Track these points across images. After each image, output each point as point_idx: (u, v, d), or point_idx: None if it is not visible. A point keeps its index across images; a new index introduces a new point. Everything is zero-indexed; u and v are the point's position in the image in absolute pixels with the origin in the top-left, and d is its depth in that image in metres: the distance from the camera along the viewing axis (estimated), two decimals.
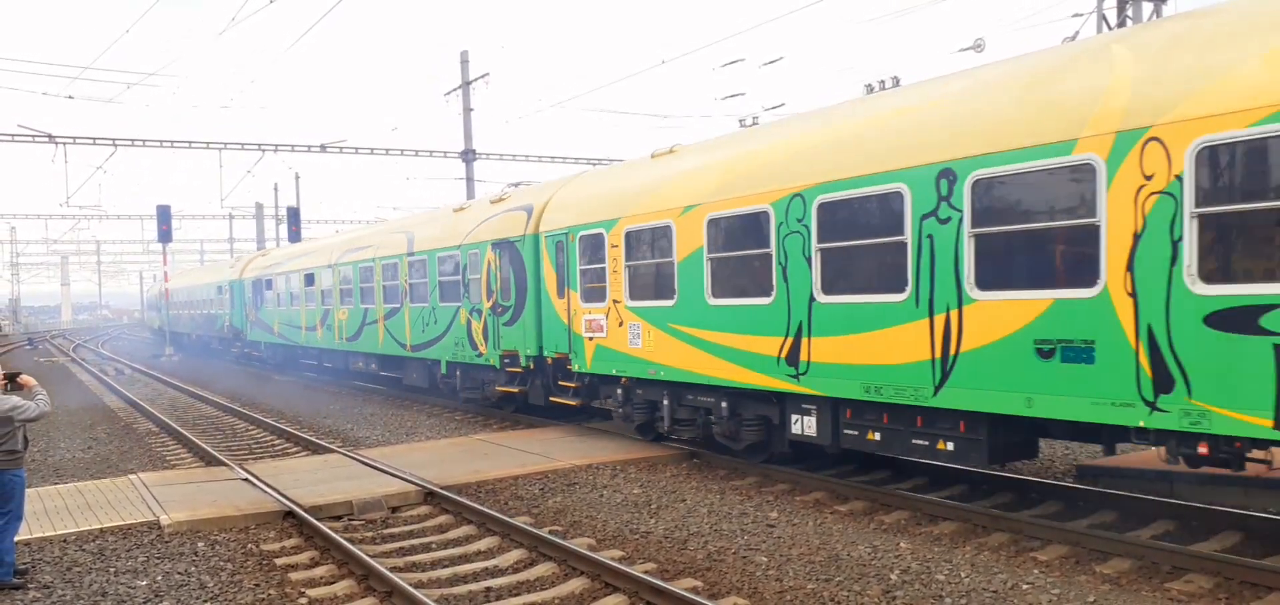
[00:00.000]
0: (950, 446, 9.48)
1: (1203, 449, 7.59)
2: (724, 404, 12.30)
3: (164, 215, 43.67)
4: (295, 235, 47.04)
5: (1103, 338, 7.77)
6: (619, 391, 14.48)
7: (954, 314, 8.89)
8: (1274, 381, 6.76)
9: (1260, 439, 7.06)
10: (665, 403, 13.45)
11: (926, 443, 9.70)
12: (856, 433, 10.48)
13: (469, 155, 35.84)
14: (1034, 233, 8.28)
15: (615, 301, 13.96)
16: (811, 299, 10.45)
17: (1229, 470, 7.84)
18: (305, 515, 10.40)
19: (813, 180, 10.35)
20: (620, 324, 13.88)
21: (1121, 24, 15.84)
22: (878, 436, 10.24)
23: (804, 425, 11.21)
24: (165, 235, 44.08)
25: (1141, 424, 7.59)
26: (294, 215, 48.83)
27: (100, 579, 8.65)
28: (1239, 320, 6.95)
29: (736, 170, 11.69)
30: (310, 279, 27.99)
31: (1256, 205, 6.82)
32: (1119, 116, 7.57)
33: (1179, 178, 7.19)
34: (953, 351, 8.95)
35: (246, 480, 12.57)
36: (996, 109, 8.61)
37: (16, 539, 8.84)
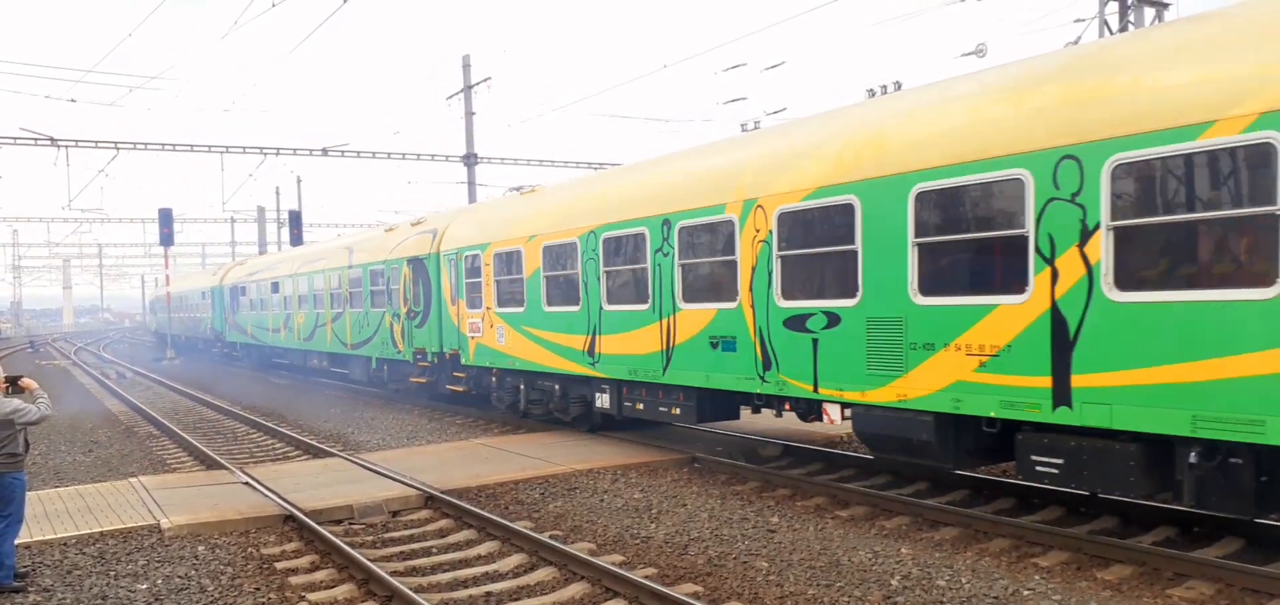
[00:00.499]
0: (677, 411, 13.14)
1: (786, 407, 11.78)
2: (557, 387, 16.21)
3: (166, 218, 43.69)
4: (297, 239, 47.03)
5: (740, 335, 11.55)
6: (493, 379, 18.22)
7: (672, 319, 12.73)
8: (811, 361, 10.53)
9: (807, 398, 10.87)
10: (521, 388, 17.20)
11: (665, 408, 13.33)
12: (630, 404, 14.17)
13: (471, 159, 35.86)
14: (707, 264, 12.14)
15: (488, 308, 17.63)
16: (602, 308, 14.18)
17: (803, 420, 12.00)
18: (306, 519, 10.39)
19: (600, 221, 14.20)
20: (491, 326, 17.58)
21: (1123, 29, 15.87)
22: (641, 406, 13.92)
23: (602, 401, 14.87)
24: (167, 238, 44.10)
25: (758, 390, 11.38)
26: (295, 219, 48.83)
27: (100, 582, 8.64)
28: (797, 323, 10.71)
29: (562, 210, 15.50)
30: (276, 286, 31.75)
31: (803, 251, 10.66)
32: (745, 192, 11.36)
33: (771, 231, 10.91)
34: (672, 344, 12.78)
35: (247, 484, 12.57)
36: (687, 182, 12.64)
37: (17, 542, 8.84)
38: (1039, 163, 8.03)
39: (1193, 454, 7.31)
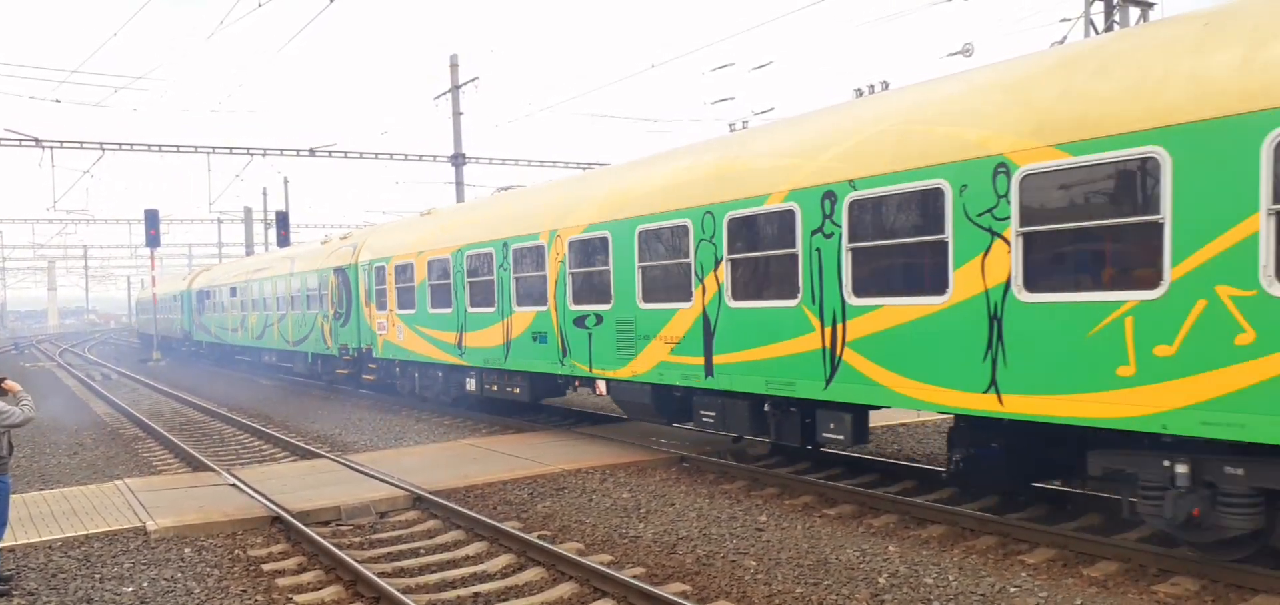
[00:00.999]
0: (517, 390, 16.75)
1: (576, 384, 16.19)
2: (441, 374, 19.96)
3: (152, 219, 43.45)
4: (284, 239, 46.83)
5: (550, 331, 15.16)
6: (397, 370, 22.02)
7: (510, 319, 16.38)
8: (588, 349, 14.15)
9: (585, 376, 14.63)
10: (417, 377, 21.07)
11: (510, 389, 16.96)
12: (487, 386, 17.86)
13: (459, 159, 35.80)
14: (530, 276, 15.66)
15: (391, 311, 21.27)
16: (466, 311, 17.81)
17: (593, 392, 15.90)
18: (293, 520, 10.36)
19: (465, 242, 17.81)
20: (394, 325, 21.21)
21: (1108, 29, 15.97)
22: (495, 387, 17.50)
23: (470, 384, 18.60)
24: (153, 240, 43.86)
25: (559, 372, 15.11)
26: (283, 219, 48.62)
27: (86, 585, 8.59)
28: (580, 322, 14.33)
29: (442, 231, 19.04)
30: (234, 291, 35.92)
31: (582, 269, 14.24)
32: (551, 225, 15.08)
33: (565, 255, 14.57)
34: (510, 339, 16.41)
35: (234, 485, 12.51)
36: (520, 215, 16.22)
37: (1, 545, 8.78)
38: (695, 215, 11.92)
39: (767, 406, 11.56)
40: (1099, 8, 16.84)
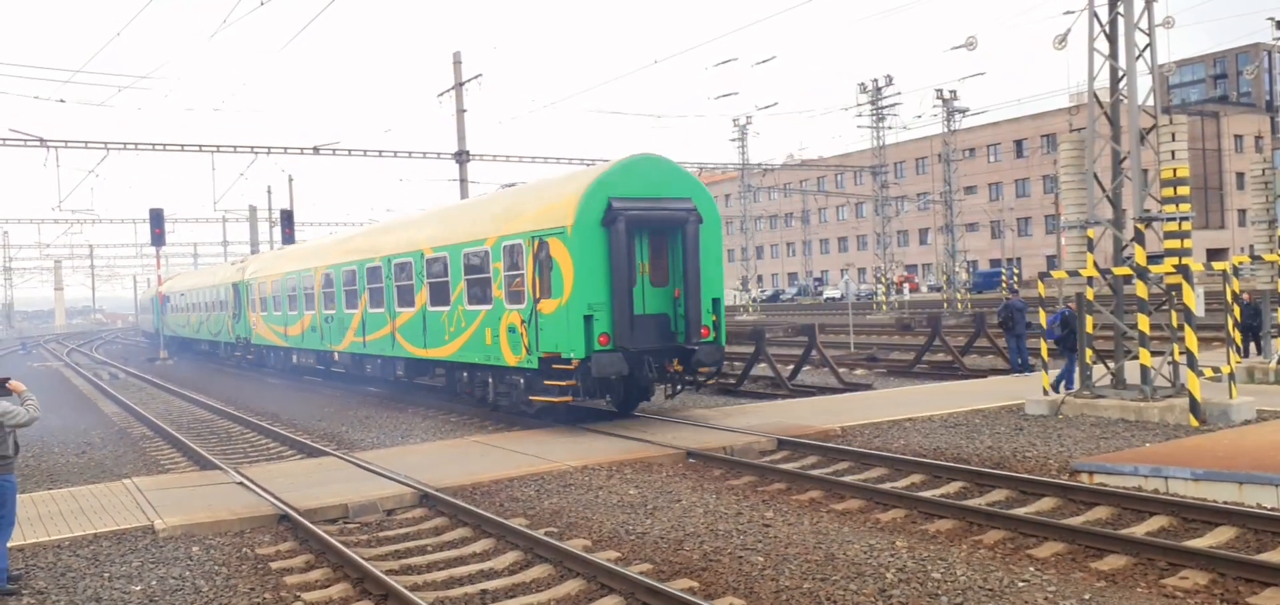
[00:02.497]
0: (302, 360, 29.99)
1: (334, 356, 27.41)
2: (280, 353, 32.38)
3: (157, 219, 43.56)
4: (289, 238, 46.95)
5: (317, 325, 27.59)
6: (266, 353, 34.25)
7: (304, 318, 28.58)
8: (332, 333, 25.85)
9: (327, 350, 27.01)
10: (271, 357, 33.77)
11: (306, 360, 30.27)
12: (297, 360, 31.08)
13: (462, 156, 35.81)
14: (318, 292, 27.13)
15: (261, 314, 33.98)
16: (288, 313, 29.75)
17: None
18: (300, 518, 10.36)
19: (286, 270, 30.55)
20: (260, 322, 34.01)
21: (1112, 22, 15.90)
22: (298, 360, 30.94)
23: (294, 360, 31.35)
24: (158, 239, 43.98)
25: (318, 347, 27.49)
26: (287, 218, 48.71)
27: (94, 584, 8.61)
28: (329, 319, 26.37)
29: (279, 261, 32.91)
30: (183, 295, 51.17)
31: (348, 288, 25.19)
32: (327, 259, 26.62)
33: (329, 278, 26.52)
34: (303, 330, 28.78)
35: (241, 483, 12.53)
36: (317, 253, 28.71)
37: (9, 545, 8.80)
38: (359, 265, 23.71)
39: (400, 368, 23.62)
40: (1103, 0, 16.76)
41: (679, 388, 17.29)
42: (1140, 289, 14.69)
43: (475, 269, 18.14)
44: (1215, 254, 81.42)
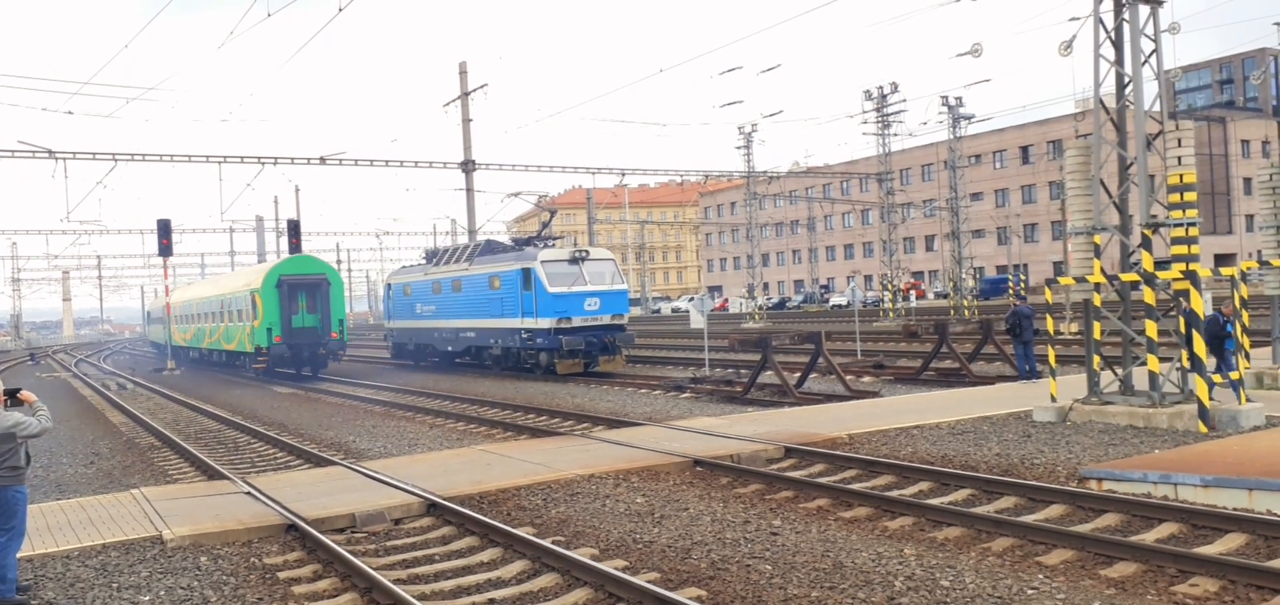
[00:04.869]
0: (191, 354, 52.07)
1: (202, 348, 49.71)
2: (185, 349, 52.22)
3: (164, 229, 43.72)
4: (296, 247, 47.07)
5: (202, 332, 49.16)
6: (180, 350, 51.80)
7: (190, 329, 53.15)
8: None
9: (190, 345, 52.30)
10: (183, 351, 52.24)
11: (191, 354, 52.23)
12: (191, 354, 52.10)
13: (468, 166, 35.89)
14: (195, 313, 51.17)
15: (173, 323, 53.60)
16: (181, 324, 53.65)
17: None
18: (308, 528, 10.37)
19: (183, 300, 55.06)
20: (175, 331, 53.48)
21: (1118, 29, 15.88)
22: (195, 354, 51.53)
23: (192, 355, 51.35)
24: (166, 249, 44.12)
25: (192, 345, 51.20)
26: (294, 227, 48.86)
27: (103, 594, 8.63)
28: (184, 331, 52.79)
29: (183, 291, 58.87)
30: (160, 311, 61.32)
31: (205, 311, 49.31)
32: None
33: (182, 309, 54.25)
34: (187, 337, 52.74)
35: (249, 493, 12.54)
36: (226, 286, 46.46)
37: (19, 556, 8.82)
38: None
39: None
40: (1108, 6, 16.74)
41: (323, 365, 37.35)
42: (1147, 295, 14.66)
43: (236, 304, 40.42)
44: (1223, 259, 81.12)
